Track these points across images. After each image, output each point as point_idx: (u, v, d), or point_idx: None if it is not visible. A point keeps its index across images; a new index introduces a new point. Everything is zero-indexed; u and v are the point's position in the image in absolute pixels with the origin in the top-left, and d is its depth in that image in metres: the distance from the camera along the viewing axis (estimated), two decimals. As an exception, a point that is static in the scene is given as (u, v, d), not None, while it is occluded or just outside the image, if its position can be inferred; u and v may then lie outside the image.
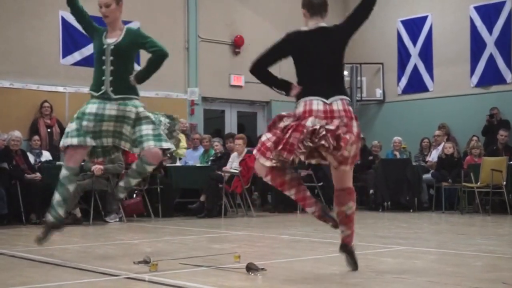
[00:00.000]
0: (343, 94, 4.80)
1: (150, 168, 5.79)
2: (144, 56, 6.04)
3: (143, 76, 5.73)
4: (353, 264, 4.94)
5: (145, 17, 13.92)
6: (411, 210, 12.32)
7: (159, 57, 5.71)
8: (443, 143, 13.12)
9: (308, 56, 4.82)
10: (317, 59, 4.81)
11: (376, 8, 4.93)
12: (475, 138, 13.31)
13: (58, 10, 12.83)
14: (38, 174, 10.14)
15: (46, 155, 11.45)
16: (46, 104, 12.25)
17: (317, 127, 4.56)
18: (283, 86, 4.89)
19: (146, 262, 5.05)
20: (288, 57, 4.88)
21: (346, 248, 4.91)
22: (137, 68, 6.10)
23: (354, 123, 4.73)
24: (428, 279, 4.68)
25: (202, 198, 11.35)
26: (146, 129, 5.60)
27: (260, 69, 4.90)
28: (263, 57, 4.90)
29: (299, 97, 4.76)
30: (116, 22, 5.72)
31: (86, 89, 11.74)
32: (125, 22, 13.13)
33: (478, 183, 11.76)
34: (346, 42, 4.90)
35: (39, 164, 10.86)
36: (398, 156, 13.93)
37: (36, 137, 11.61)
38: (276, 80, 4.91)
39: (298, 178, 4.89)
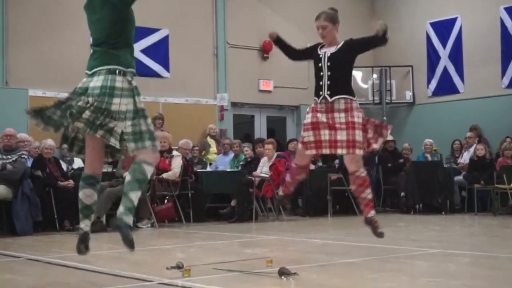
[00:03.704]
0: None
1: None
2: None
3: None
4: None
5: (174, 25, 14.06)
6: (443, 213, 12.22)
7: None
8: (474, 145, 13.00)
9: None
10: None
11: (405, 11, 4.98)
12: (508, 139, 13.15)
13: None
14: (71, 181, 10.25)
15: (78, 162, 11.58)
16: (77, 113, 12.31)
17: None
18: None
19: (178, 267, 5.08)
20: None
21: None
22: None
23: None
24: (463, 282, 4.65)
25: (233, 203, 11.37)
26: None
27: None
28: None
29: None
30: None
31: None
32: (155, 30, 13.60)
33: (511, 185, 11.63)
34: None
35: (72, 171, 10.99)
36: (429, 158, 13.82)
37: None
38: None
39: None
